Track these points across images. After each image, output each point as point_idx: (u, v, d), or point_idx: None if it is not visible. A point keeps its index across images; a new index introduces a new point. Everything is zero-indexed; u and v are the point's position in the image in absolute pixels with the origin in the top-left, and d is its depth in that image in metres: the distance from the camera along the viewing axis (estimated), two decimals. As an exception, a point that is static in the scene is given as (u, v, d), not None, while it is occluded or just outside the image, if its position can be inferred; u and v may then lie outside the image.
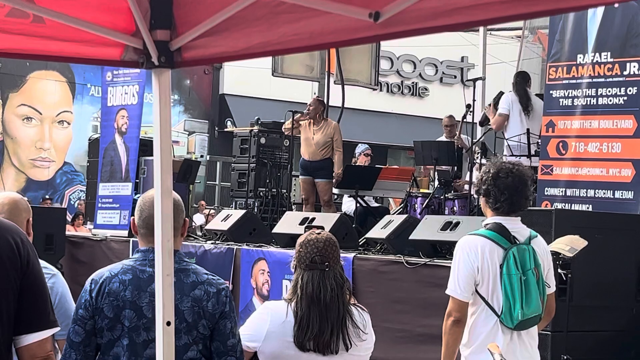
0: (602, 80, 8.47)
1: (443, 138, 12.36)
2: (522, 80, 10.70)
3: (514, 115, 10.42)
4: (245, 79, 23.67)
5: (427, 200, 11.14)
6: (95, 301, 3.75)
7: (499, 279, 4.80)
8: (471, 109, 11.91)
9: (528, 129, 10.06)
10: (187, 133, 24.98)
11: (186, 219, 3.86)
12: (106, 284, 3.76)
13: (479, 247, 4.81)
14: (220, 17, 2.87)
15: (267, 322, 4.14)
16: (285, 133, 12.48)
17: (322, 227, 4.69)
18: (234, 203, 14.10)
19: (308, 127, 11.92)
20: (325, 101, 13.25)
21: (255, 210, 12.79)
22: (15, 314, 3.02)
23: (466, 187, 11.10)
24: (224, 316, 3.81)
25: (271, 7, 2.75)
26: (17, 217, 4.00)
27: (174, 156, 3.88)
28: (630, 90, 8.32)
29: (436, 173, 11.66)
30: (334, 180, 11.77)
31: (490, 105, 11.21)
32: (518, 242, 4.86)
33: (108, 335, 3.73)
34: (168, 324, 3.11)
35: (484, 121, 11.62)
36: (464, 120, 12.05)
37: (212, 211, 18.80)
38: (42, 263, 4.06)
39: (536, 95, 10.77)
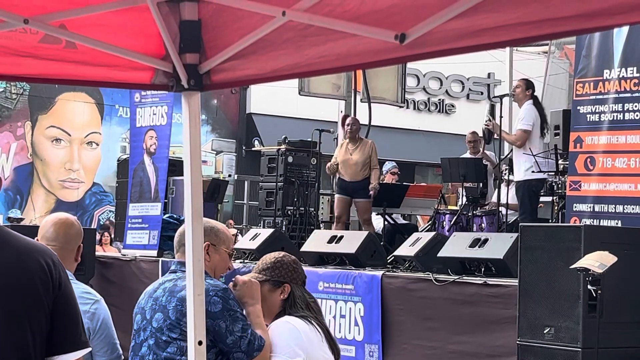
0: (629, 95, 8.45)
1: (467, 154, 12.33)
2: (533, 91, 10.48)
3: (536, 130, 10.32)
4: (272, 98, 23.74)
5: (455, 217, 11.12)
6: (134, 312, 4.21)
7: None
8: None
9: (555, 145, 10.02)
10: (215, 152, 25.08)
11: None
12: (141, 297, 4.19)
13: None
14: (248, 41, 2.92)
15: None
16: (330, 172, 12.31)
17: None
18: (262, 222, 14.14)
19: (345, 148, 11.96)
20: (354, 120, 13.30)
21: (284, 228, 12.81)
22: (47, 336, 3.05)
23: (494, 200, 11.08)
24: (214, 317, 3.85)
25: (298, 30, 2.79)
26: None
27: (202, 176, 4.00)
28: (657, 105, 8.29)
29: (464, 190, 11.64)
30: (370, 193, 11.73)
31: (490, 120, 10.95)
32: None
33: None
34: (200, 343, 3.14)
35: (489, 137, 11.25)
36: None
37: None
38: (86, 289, 4.16)
39: (564, 110, 10.66)
